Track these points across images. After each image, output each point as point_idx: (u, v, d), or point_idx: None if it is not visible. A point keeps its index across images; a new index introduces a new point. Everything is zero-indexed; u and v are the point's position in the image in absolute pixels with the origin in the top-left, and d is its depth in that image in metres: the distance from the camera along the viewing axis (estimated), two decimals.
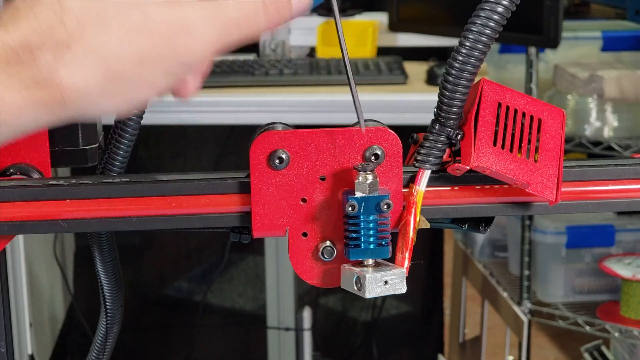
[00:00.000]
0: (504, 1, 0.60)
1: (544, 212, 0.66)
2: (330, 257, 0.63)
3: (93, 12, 0.49)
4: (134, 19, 0.50)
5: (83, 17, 0.49)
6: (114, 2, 0.50)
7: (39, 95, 0.49)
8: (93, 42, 0.49)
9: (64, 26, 0.49)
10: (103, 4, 0.50)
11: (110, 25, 0.49)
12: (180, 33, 0.51)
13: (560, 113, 0.66)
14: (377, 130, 0.62)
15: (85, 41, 0.49)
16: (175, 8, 0.51)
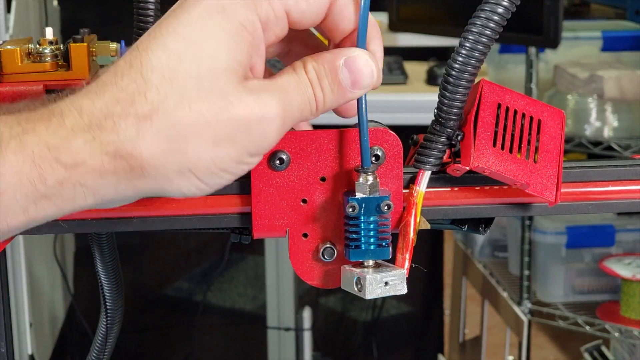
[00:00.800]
0: (504, 2, 0.60)
1: (544, 213, 0.66)
2: (331, 258, 0.63)
3: (175, 92, 0.51)
4: (214, 104, 0.51)
5: (165, 95, 0.51)
6: (196, 82, 0.51)
7: (119, 164, 0.51)
8: (172, 120, 0.51)
9: (146, 100, 0.50)
10: (186, 84, 0.51)
11: (192, 107, 0.51)
12: (257, 121, 0.52)
13: (560, 114, 0.66)
14: (378, 131, 0.62)
15: (166, 119, 0.51)
16: (251, 94, 0.52)
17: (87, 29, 0.73)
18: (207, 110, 0.51)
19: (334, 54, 0.56)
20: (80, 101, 0.51)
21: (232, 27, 0.52)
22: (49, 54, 0.69)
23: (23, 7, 2.16)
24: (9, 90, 0.67)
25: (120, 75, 0.51)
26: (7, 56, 0.67)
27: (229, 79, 0.52)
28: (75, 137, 0.50)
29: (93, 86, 0.52)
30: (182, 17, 0.53)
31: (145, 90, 0.51)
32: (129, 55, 0.52)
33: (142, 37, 0.53)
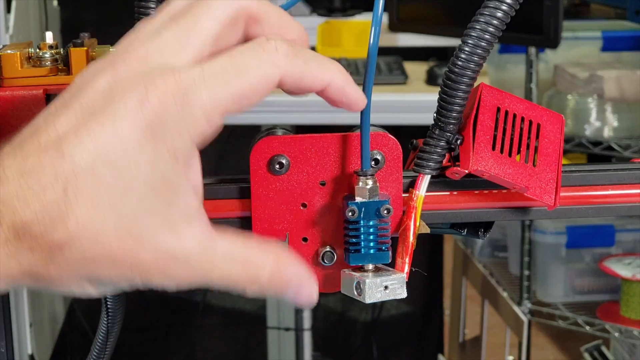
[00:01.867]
0: (503, 6, 0.60)
1: (543, 216, 0.66)
2: (331, 262, 0.63)
3: (94, 226, 0.49)
4: (127, 246, 0.50)
5: (83, 226, 0.49)
6: (116, 219, 0.49)
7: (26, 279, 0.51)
8: (83, 254, 0.50)
9: (64, 227, 0.49)
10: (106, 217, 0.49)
11: (104, 245, 0.50)
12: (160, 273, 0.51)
13: (559, 118, 0.66)
14: (377, 136, 0.62)
15: (77, 251, 0.50)
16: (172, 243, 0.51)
17: (87, 32, 0.73)
18: (119, 249, 0.50)
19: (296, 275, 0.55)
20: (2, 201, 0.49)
21: (162, 159, 0.50)
22: (49, 59, 0.69)
23: (23, 8, 2.16)
24: (9, 94, 0.67)
25: (46, 186, 0.49)
26: (7, 60, 0.68)
27: (151, 222, 0.50)
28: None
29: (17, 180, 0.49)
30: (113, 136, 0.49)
31: (65, 217, 0.49)
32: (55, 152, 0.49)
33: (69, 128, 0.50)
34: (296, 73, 0.53)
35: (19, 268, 0.50)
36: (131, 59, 0.52)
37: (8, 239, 0.49)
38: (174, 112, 0.49)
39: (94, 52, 0.71)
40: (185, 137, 0.50)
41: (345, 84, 0.55)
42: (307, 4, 2.45)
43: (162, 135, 0.49)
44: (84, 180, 0.49)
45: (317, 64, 0.54)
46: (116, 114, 0.49)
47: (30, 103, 0.69)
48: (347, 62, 2.19)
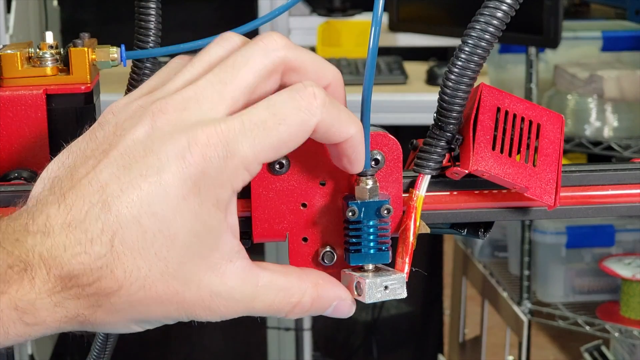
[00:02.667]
0: (503, 6, 0.60)
1: (543, 216, 0.66)
2: (331, 262, 0.63)
3: (141, 274, 0.51)
4: (174, 289, 0.52)
5: (131, 274, 0.51)
6: (162, 266, 0.51)
7: (73, 325, 0.53)
8: (131, 299, 0.52)
9: (112, 276, 0.51)
10: (152, 264, 0.51)
11: (151, 289, 0.52)
12: (205, 309, 0.54)
13: (559, 118, 0.66)
14: (377, 136, 0.62)
15: (126, 297, 0.52)
16: (215, 283, 0.53)
17: (87, 33, 0.73)
18: (165, 292, 0.52)
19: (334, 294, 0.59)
20: (51, 259, 0.51)
21: (206, 212, 0.52)
22: (49, 59, 0.69)
23: (23, 7, 2.16)
24: (9, 94, 0.67)
25: (92, 238, 0.51)
26: (7, 60, 0.68)
27: (195, 265, 0.52)
28: (41, 300, 0.51)
29: (63, 232, 0.51)
30: (157, 190, 0.51)
31: (113, 267, 0.51)
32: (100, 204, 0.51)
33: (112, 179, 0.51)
34: (329, 122, 0.54)
35: (65, 315, 0.52)
36: (168, 108, 0.52)
37: (55, 289, 0.51)
38: (216, 165, 0.51)
39: (94, 52, 0.71)
40: (228, 187, 0.52)
41: (362, 143, 0.57)
42: (307, 4, 2.45)
43: (206, 188, 0.51)
44: (130, 231, 0.51)
45: (346, 116, 0.55)
46: (160, 167, 0.51)
47: (30, 103, 0.69)
48: (347, 62, 2.19)
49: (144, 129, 0.52)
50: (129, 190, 0.51)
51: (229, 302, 0.54)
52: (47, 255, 0.50)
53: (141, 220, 0.51)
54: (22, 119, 0.70)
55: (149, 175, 0.51)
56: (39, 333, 0.52)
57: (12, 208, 0.60)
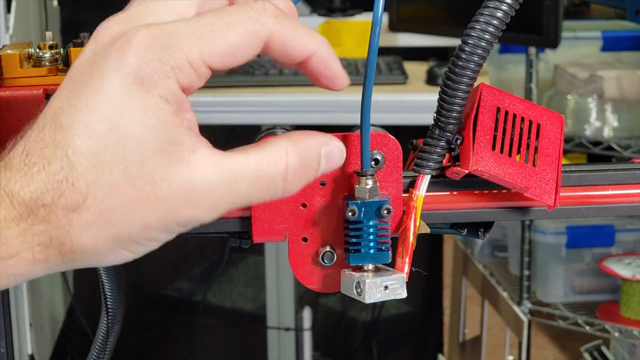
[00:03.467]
0: (503, 6, 0.61)
1: (543, 216, 0.66)
2: (331, 262, 0.63)
3: (102, 180, 0.50)
4: (142, 189, 0.50)
5: (92, 183, 0.50)
6: (122, 168, 0.50)
7: (51, 253, 0.51)
8: (100, 209, 0.50)
9: (74, 190, 0.50)
10: (112, 171, 0.50)
11: (119, 194, 0.50)
12: (186, 204, 0.51)
13: (559, 118, 0.66)
14: (377, 136, 0.62)
15: (93, 208, 0.50)
16: (185, 174, 0.51)
17: (87, 32, 0.73)
18: (135, 195, 0.50)
19: (316, 142, 0.54)
20: (11, 186, 0.50)
21: (154, 102, 0.50)
22: (49, 59, 0.69)
23: (23, 7, 2.16)
24: (9, 94, 0.67)
25: (49, 156, 0.50)
26: (7, 60, 0.68)
27: (157, 160, 0.50)
28: (8, 229, 0.50)
29: (22, 162, 0.51)
30: (101, 92, 0.51)
31: (73, 179, 0.50)
32: (53, 126, 0.51)
33: (65, 97, 0.51)
34: (283, 36, 0.53)
35: (38, 242, 0.50)
36: (112, 24, 0.54)
37: (22, 215, 0.50)
38: (158, 55, 0.50)
39: None
40: (172, 77, 0.50)
41: (331, 57, 0.55)
42: (307, 4, 2.45)
43: (149, 78, 0.50)
44: (82, 140, 0.50)
45: (305, 31, 0.54)
46: (102, 73, 0.51)
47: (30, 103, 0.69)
48: (347, 62, 2.19)
49: (89, 48, 0.53)
50: (76, 103, 0.51)
51: (209, 190, 0.51)
52: (6, 184, 0.50)
53: (90, 126, 0.50)
54: (22, 119, 0.70)
55: (92, 82, 0.51)
56: (20, 270, 0.51)
57: None
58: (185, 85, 0.51)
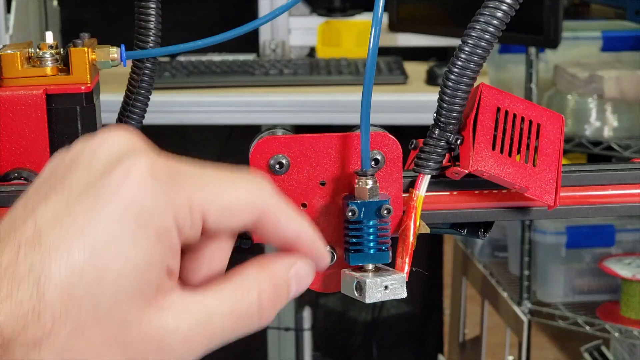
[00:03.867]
0: (503, 6, 0.61)
1: (543, 216, 0.66)
2: (331, 262, 0.63)
3: (70, 315, 0.45)
4: (111, 331, 0.46)
5: (59, 317, 0.45)
6: (93, 306, 0.46)
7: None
8: (62, 349, 0.46)
9: (39, 322, 0.45)
10: (82, 307, 0.45)
11: (85, 333, 0.46)
12: (156, 351, 0.47)
13: (559, 118, 0.66)
14: (377, 135, 0.62)
15: (55, 346, 0.46)
16: (158, 318, 0.47)
17: (87, 33, 0.73)
18: (103, 337, 0.46)
19: (284, 265, 0.51)
20: None
21: (146, 238, 0.46)
22: (49, 59, 0.69)
23: (23, 7, 2.16)
24: (9, 94, 0.67)
25: (19, 280, 0.45)
26: (7, 60, 0.68)
27: (132, 304, 0.46)
28: None
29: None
30: (93, 214, 0.46)
31: (39, 310, 0.45)
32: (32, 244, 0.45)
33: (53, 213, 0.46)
34: (276, 213, 0.50)
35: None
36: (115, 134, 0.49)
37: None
38: (161, 192, 0.47)
39: (94, 53, 0.71)
40: (170, 218, 0.47)
41: (315, 239, 0.52)
42: (307, 4, 2.45)
43: (147, 215, 0.46)
44: (58, 266, 0.45)
45: (294, 212, 0.51)
46: (98, 194, 0.46)
47: (30, 103, 0.69)
48: (347, 62, 2.19)
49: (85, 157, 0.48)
50: (63, 220, 0.46)
51: (183, 335, 0.48)
52: None
53: (71, 253, 0.45)
54: (22, 119, 0.70)
55: (86, 201, 0.46)
56: None
57: None
58: (180, 225, 0.47)
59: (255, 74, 2.13)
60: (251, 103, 2.09)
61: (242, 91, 2.10)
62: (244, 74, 2.13)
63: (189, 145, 2.90)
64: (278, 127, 0.68)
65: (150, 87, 0.78)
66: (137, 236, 0.46)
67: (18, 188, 0.65)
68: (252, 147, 0.63)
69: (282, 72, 2.14)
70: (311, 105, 2.08)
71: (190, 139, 2.88)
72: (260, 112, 2.09)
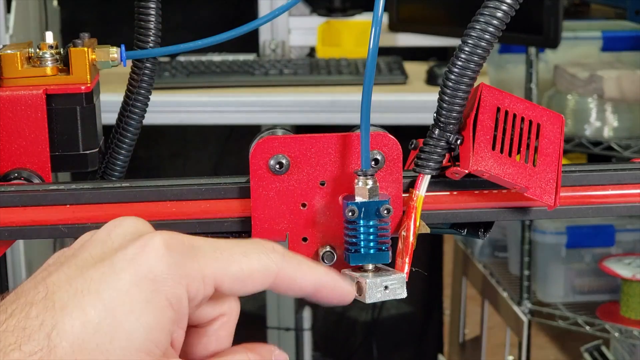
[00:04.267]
0: (503, 6, 0.61)
1: (543, 216, 0.66)
2: (331, 262, 0.63)
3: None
4: None
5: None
6: (104, 358, 0.47)
7: None
8: None
9: None
10: (92, 357, 0.47)
11: None
12: None
13: (559, 118, 0.66)
14: (377, 135, 0.62)
15: None
16: None
17: (87, 33, 0.73)
18: None
19: (267, 348, 0.54)
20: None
21: (158, 303, 0.48)
22: (49, 59, 0.69)
23: (23, 7, 2.16)
24: (9, 94, 0.67)
25: (28, 335, 0.47)
26: (7, 60, 0.68)
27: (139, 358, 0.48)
28: None
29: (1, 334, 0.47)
30: (109, 278, 0.48)
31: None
32: (44, 305, 0.48)
33: (65, 278, 0.49)
34: (290, 272, 0.53)
35: None
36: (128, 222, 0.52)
37: None
38: (175, 260, 0.49)
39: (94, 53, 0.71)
40: (183, 288, 0.49)
41: (335, 282, 0.55)
42: (307, 4, 2.45)
43: (161, 281, 0.49)
44: (71, 321, 0.47)
45: (308, 266, 0.54)
46: (114, 262, 0.49)
47: (30, 103, 0.69)
48: (347, 62, 2.19)
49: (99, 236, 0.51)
50: (77, 285, 0.48)
51: None
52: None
53: (85, 310, 0.47)
54: (22, 119, 0.70)
55: (101, 268, 0.49)
56: None
57: None
58: (192, 295, 0.50)
59: (255, 74, 2.13)
60: (251, 103, 2.09)
61: (242, 91, 2.10)
62: (244, 74, 2.13)
63: (189, 145, 2.90)
64: (278, 127, 0.68)
65: (150, 87, 0.78)
66: (151, 300, 0.48)
67: (17, 188, 0.65)
68: (252, 147, 0.63)
69: (282, 72, 2.14)
70: (311, 105, 2.08)
71: (190, 139, 2.88)
72: (260, 112, 2.09)
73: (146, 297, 0.48)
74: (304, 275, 0.53)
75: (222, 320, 0.54)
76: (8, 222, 0.64)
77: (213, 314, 0.54)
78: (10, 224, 0.64)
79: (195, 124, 2.33)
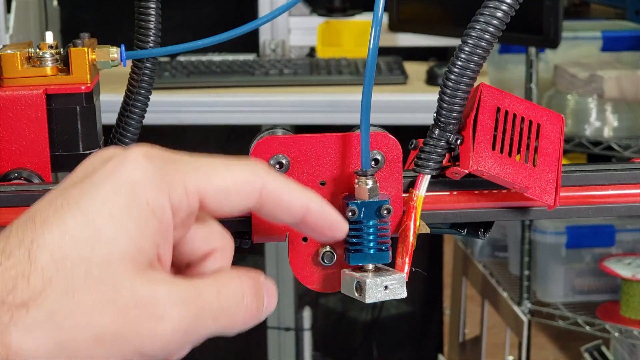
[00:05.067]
0: (503, 6, 0.61)
1: (543, 216, 0.66)
2: (331, 262, 0.63)
3: (61, 277, 0.45)
4: (102, 294, 0.46)
5: (49, 279, 0.45)
6: (85, 268, 0.46)
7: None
8: (52, 309, 0.45)
9: (28, 285, 0.45)
10: (74, 269, 0.46)
11: (75, 296, 0.45)
12: (147, 316, 0.46)
13: (559, 118, 0.66)
14: (377, 135, 0.62)
15: (45, 307, 0.45)
16: (148, 285, 0.47)
17: (87, 33, 0.73)
18: (93, 300, 0.45)
19: (255, 272, 0.51)
20: None
21: (139, 209, 0.47)
22: (49, 59, 0.69)
23: (23, 7, 2.16)
24: (9, 94, 0.68)
25: (8, 252, 0.46)
26: (7, 60, 0.68)
27: (125, 267, 0.46)
28: None
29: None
30: (89, 191, 0.47)
31: (29, 273, 0.45)
32: (23, 226, 0.47)
33: (47, 200, 0.48)
34: (277, 188, 0.51)
35: None
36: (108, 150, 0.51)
37: None
38: (156, 170, 0.48)
39: (94, 52, 0.71)
40: (164, 195, 0.48)
41: (326, 206, 0.53)
42: (307, 4, 2.45)
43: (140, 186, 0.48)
44: (51, 232, 0.46)
45: (296, 186, 0.52)
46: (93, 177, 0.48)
47: (30, 103, 0.69)
48: (347, 62, 2.19)
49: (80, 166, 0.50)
50: (56, 202, 0.47)
51: (176, 302, 0.47)
52: None
53: (64, 221, 0.46)
54: (22, 119, 0.70)
55: (81, 185, 0.48)
56: None
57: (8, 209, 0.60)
58: (175, 205, 0.48)
59: (255, 74, 2.13)
60: (251, 103, 2.09)
61: (242, 91, 2.10)
62: (244, 74, 2.13)
63: (189, 145, 2.90)
64: (278, 127, 0.68)
65: (150, 87, 0.78)
66: (131, 207, 0.47)
67: (17, 188, 0.65)
68: (252, 147, 0.63)
69: (282, 72, 2.14)
70: (311, 105, 2.08)
71: (190, 139, 2.88)
72: (260, 112, 2.09)
73: (126, 202, 0.47)
74: (291, 193, 0.51)
75: (215, 256, 0.52)
76: (8, 222, 0.63)
77: (205, 248, 0.52)
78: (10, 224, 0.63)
79: (195, 124, 2.32)
